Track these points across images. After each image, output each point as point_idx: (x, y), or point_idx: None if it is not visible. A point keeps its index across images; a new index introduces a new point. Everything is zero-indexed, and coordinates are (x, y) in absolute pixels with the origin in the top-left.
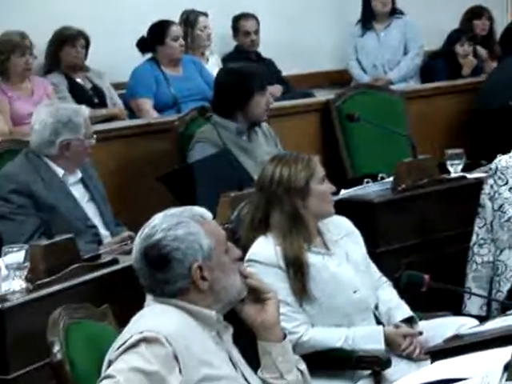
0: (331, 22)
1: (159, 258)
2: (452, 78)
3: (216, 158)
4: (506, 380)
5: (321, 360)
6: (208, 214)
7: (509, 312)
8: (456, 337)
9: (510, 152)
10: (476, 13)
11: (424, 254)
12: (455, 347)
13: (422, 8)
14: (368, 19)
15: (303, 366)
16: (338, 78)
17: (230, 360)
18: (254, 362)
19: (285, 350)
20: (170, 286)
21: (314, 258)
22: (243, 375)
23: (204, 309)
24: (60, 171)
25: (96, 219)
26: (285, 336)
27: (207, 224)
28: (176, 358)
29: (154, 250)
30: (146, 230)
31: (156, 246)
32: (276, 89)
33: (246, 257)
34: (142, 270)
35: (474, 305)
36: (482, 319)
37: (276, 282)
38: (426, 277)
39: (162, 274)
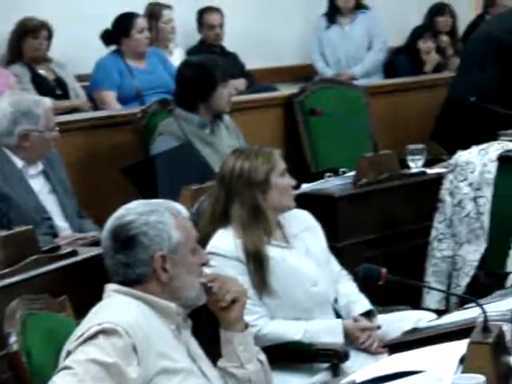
0: (296, 15)
1: (125, 239)
2: (415, 74)
3: (178, 150)
4: (462, 373)
5: (280, 353)
6: (185, 211)
7: (466, 306)
8: (414, 330)
9: (471, 147)
10: (439, 9)
11: (384, 248)
12: (412, 340)
13: (386, 3)
14: (333, 13)
15: (263, 357)
16: (303, 73)
17: (189, 353)
18: (213, 355)
19: (246, 340)
20: (130, 271)
21: (273, 252)
22: (200, 368)
23: (164, 300)
24: (19, 162)
25: (55, 211)
26: (246, 326)
27: (181, 219)
28: (135, 350)
29: (122, 230)
30: (120, 211)
31: (125, 227)
32: (240, 82)
33: (206, 249)
34: (107, 249)
35: (432, 299)
36: (441, 313)
37: (236, 275)
38: (383, 270)
39: (125, 256)
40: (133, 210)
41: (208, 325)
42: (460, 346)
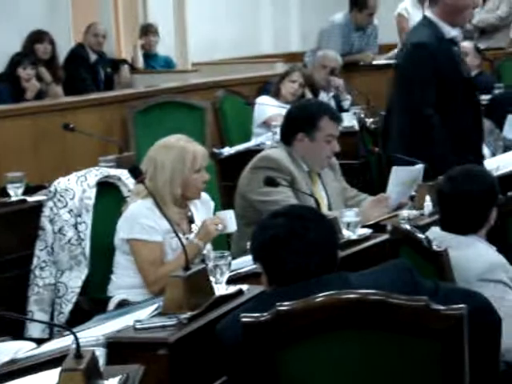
0: None
1: None
2: (16, 101)
3: None
4: None
5: None
6: None
7: (65, 333)
8: (12, 361)
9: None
10: (38, 37)
11: None
12: (9, 372)
13: None
14: None
15: None
16: None
17: None
18: None
19: None
20: None
21: None
22: None
23: None
24: None
25: None
26: None
27: None
28: None
29: None
30: None
31: None
32: None
33: None
34: None
35: (36, 328)
36: (45, 342)
37: None
38: None
39: None
40: None
41: None
42: (54, 375)
